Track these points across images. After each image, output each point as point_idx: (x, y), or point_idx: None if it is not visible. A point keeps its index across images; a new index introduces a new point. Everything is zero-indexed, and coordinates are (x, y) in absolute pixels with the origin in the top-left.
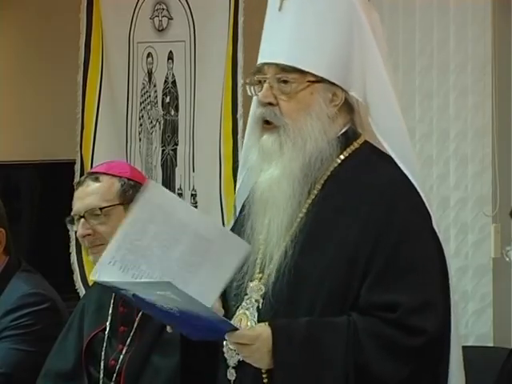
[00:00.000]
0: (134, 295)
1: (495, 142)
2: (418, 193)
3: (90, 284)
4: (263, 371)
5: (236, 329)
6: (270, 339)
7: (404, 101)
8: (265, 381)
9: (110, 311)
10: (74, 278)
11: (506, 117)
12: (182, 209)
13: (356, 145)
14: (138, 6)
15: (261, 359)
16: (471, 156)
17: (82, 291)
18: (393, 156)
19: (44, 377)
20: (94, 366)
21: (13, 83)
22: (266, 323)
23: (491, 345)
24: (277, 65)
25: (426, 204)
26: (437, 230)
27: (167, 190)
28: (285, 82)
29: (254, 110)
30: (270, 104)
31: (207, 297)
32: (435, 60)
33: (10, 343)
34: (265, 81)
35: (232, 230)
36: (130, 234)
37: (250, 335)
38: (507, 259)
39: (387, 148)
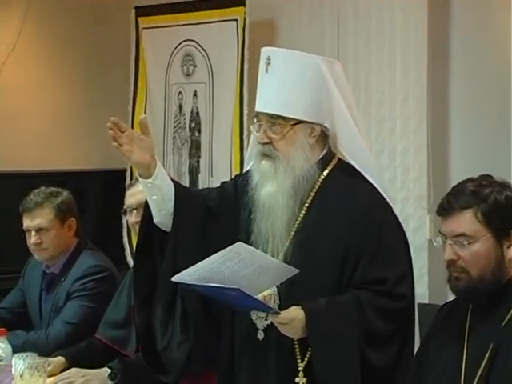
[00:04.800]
0: (204, 286)
1: (430, 155)
2: (383, 197)
3: None
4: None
5: (278, 313)
6: (303, 320)
7: (363, 126)
8: (295, 343)
9: None
10: (126, 254)
11: (439, 137)
12: (258, 256)
13: (333, 163)
14: (172, 57)
15: (295, 333)
16: (412, 165)
17: (131, 263)
18: (361, 171)
19: (103, 325)
20: None
21: (84, 108)
22: (299, 307)
23: (427, 302)
24: (267, 113)
25: (391, 204)
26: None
27: (249, 247)
28: (275, 125)
29: (255, 144)
30: (266, 143)
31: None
32: (386, 95)
33: (79, 301)
34: (261, 125)
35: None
36: (211, 264)
37: (289, 317)
38: (435, 243)
39: (355, 165)
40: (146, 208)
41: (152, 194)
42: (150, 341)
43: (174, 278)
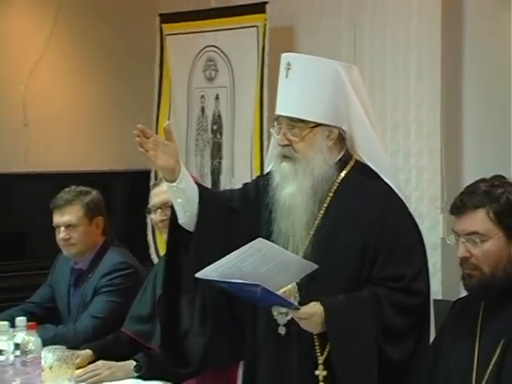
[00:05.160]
0: (226, 282)
1: (443, 158)
2: (399, 197)
3: (161, 255)
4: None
5: (298, 308)
6: (322, 315)
7: (379, 128)
8: (315, 337)
9: None
10: (150, 252)
11: (452, 140)
12: (278, 252)
13: (351, 164)
14: (195, 62)
15: (314, 328)
16: (426, 167)
17: (155, 260)
18: (377, 172)
19: (129, 319)
20: None
21: (111, 112)
22: (318, 302)
23: (440, 298)
24: (287, 117)
25: (406, 203)
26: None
27: (270, 243)
28: (294, 128)
29: (275, 146)
30: (286, 145)
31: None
32: (401, 100)
33: (105, 296)
34: (281, 128)
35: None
36: (233, 260)
37: (309, 312)
38: (448, 242)
39: (372, 166)
40: (172, 210)
41: (177, 196)
42: (173, 331)
43: (197, 275)
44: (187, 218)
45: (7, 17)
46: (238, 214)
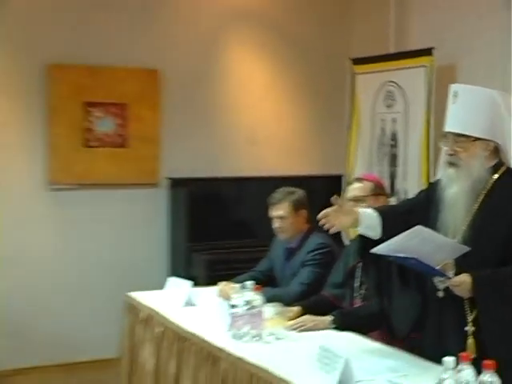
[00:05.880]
0: (393, 256)
1: None
2: None
3: (351, 239)
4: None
5: (450, 277)
6: (470, 283)
7: None
8: (465, 300)
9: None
10: (341, 236)
11: None
12: (434, 236)
13: (503, 169)
14: (378, 94)
15: (464, 293)
16: None
17: (346, 242)
18: None
19: (327, 285)
20: (353, 281)
21: (311, 128)
22: (468, 274)
23: None
24: (454, 132)
25: None
26: None
27: (427, 229)
28: (459, 141)
29: (443, 156)
30: (452, 154)
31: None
32: None
33: (310, 268)
34: (448, 141)
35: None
36: (399, 241)
37: (459, 281)
38: None
39: None
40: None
41: (363, 232)
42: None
43: (373, 250)
44: (373, 235)
45: (240, 60)
46: (412, 213)
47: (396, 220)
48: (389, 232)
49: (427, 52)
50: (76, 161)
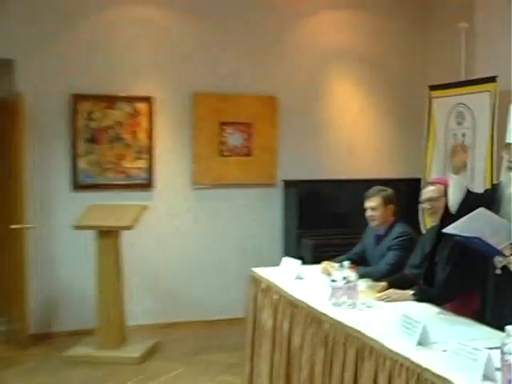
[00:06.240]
0: (461, 236)
1: None
2: None
3: (426, 228)
4: None
5: (506, 256)
6: None
7: None
8: None
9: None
10: (420, 226)
11: None
12: (494, 218)
13: None
14: (450, 113)
15: None
16: None
17: (423, 231)
18: None
19: (408, 266)
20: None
21: (394, 139)
22: None
23: None
24: None
25: None
26: None
27: (489, 212)
28: None
29: (505, 162)
30: None
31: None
32: None
33: (394, 251)
34: (509, 151)
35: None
36: (465, 221)
37: None
38: None
39: None
40: None
41: None
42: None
43: (444, 230)
44: None
45: (339, 88)
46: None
47: None
48: None
49: (491, 79)
50: (213, 166)
